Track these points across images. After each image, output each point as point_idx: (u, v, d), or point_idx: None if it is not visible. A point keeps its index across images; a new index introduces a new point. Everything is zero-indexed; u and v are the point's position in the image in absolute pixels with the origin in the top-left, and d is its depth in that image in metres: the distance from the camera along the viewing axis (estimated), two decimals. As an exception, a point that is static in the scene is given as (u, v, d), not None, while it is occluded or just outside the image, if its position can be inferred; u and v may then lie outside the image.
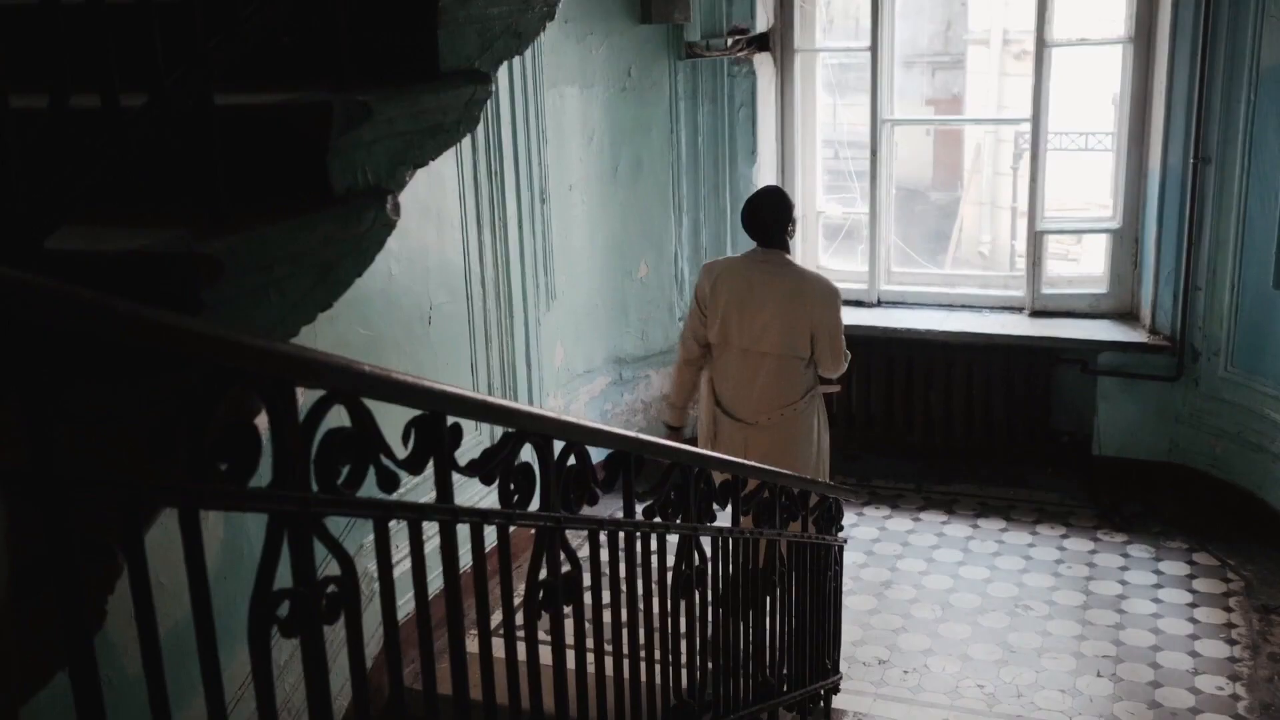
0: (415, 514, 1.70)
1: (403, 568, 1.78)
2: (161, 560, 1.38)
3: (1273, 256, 5.34)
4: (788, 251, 4.60)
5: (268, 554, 1.42)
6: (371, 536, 1.76)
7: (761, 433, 4.52)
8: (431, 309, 4.72)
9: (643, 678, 2.60)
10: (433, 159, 1.92)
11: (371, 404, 1.56)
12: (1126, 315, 6.21)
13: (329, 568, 1.54)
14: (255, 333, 1.41)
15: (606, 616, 2.38)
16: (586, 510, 2.20)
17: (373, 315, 4.33)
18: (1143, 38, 5.89)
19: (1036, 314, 6.25)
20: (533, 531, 2.12)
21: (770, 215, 4.55)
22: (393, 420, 1.66)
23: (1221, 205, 5.60)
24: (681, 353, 4.85)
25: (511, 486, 1.91)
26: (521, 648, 2.08)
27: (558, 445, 2.04)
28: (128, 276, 1.41)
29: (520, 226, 5.31)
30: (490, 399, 1.87)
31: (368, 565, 3.42)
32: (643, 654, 2.60)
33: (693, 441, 4.46)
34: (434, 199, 4.71)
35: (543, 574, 2.08)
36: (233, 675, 1.72)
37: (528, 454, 1.95)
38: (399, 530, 1.72)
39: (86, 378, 1.29)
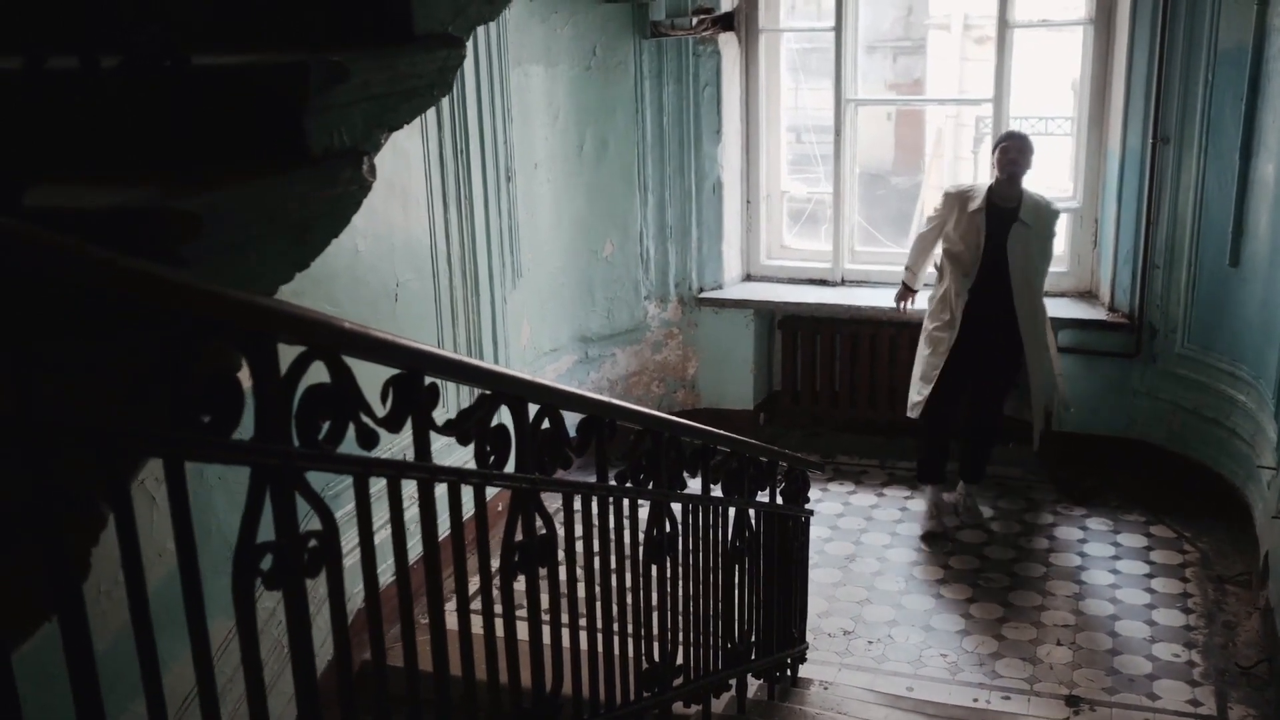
0: (394, 471, 1.72)
1: (384, 534, 1.78)
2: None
3: (1229, 235, 5.43)
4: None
5: (251, 507, 1.44)
6: (348, 507, 1.78)
7: None
8: (398, 286, 4.72)
9: (615, 641, 2.63)
10: (408, 121, 1.92)
11: (350, 366, 1.57)
12: (1086, 294, 6.30)
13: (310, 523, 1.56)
14: (237, 286, 1.41)
15: (581, 587, 2.41)
16: (561, 475, 2.23)
17: (339, 293, 4.32)
18: (1103, 19, 5.97)
19: (998, 292, 6.31)
20: (501, 507, 2.14)
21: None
22: (369, 383, 1.67)
23: (1179, 185, 5.68)
24: None
25: (488, 448, 1.93)
26: (498, 612, 2.11)
27: (532, 408, 2.07)
28: (107, 233, 1.41)
29: (486, 205, 5.31)
30: (466, 359, 1.89)
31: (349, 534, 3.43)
32: (616, 618, 2.64)
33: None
34: (399, 176, 4.69)
35: (519, 537, 2.11)
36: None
37: (504, 418, 1.98)
38: (378, 498, 1.74)
39: (69, 329, 1.30)
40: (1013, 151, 5.29)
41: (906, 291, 5.85)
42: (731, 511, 3.37)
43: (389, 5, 1.91)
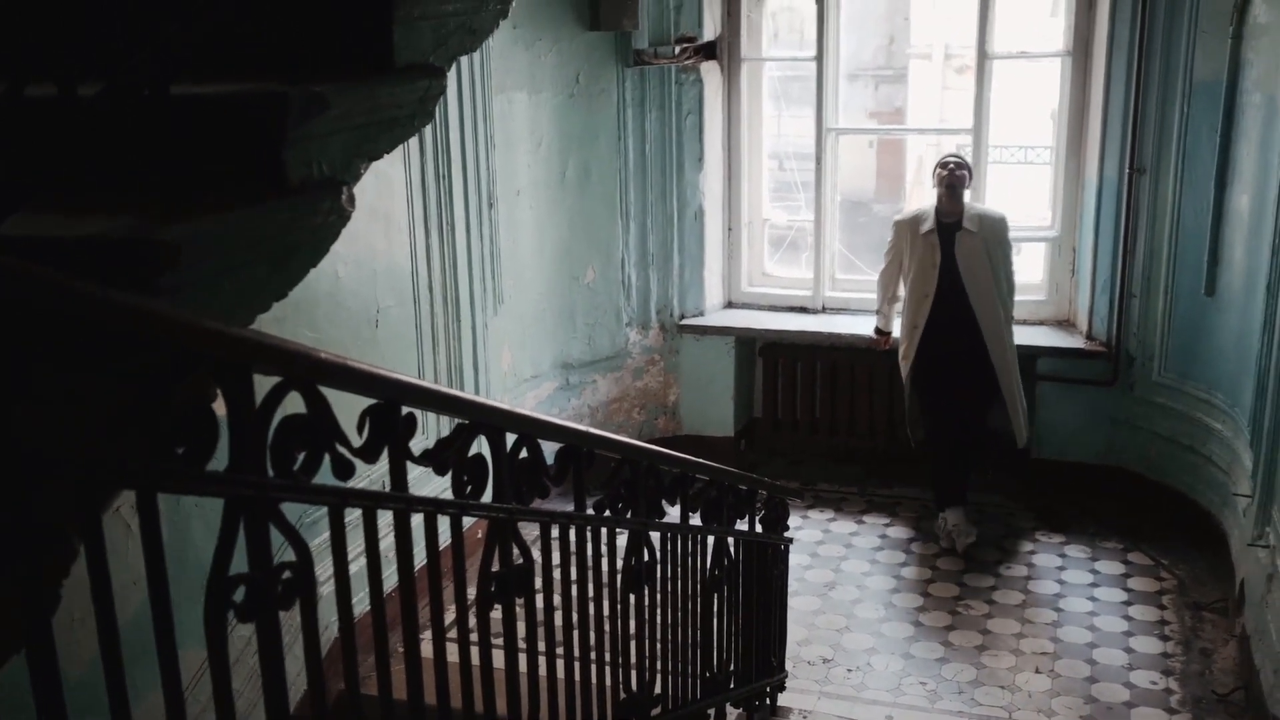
0: (370, 501, 1.71)
1: (360, 564, 1.78)
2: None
3: (1205, 264, 5.48)
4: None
5: (224, 538, 1.43)
6: (323, 536, 1.78)
7: None
8: (379, 312, 4.71)
9: (593, 670, 2.63)
10: (387, 151, 1.93)
11: (326, 396, 1.57)
12: (1064, 322, 6.34)
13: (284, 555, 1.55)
14: (214, 317, 1.42)
15: (558, 616, 2.40)
16: (538, 504, 2.23)
17: (319, 318, 4.31)
18: (1080, 51, 6.04)
19: (977, 320, 6.34)
20: (479, 535, 2.14)
21: None
22: (346, 413, 1.67)
23: (1156, 214, 5.74)
24: None
25: (465, 478, 1.93)
26: (474, 642, 2.10)
27: (510, 437, 2.06)
28: (85, 262, 1.41)
29: (468, 231, 5.31)
30: (444, 389, 1.89)
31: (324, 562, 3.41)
32: (593, 647, 2.63)
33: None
34: (381, 202, 4.70)
35: (496, 567, 2.10)
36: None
37: (481, 448, 1.98)
38: (354, 527, 1.73)
39: (43, 360, 1.29)
40: (950, 166, 5.52)
41: (880, 335, 6.00)
42: (710, 540, 3.37)
43: (371, 36, 1.92)
